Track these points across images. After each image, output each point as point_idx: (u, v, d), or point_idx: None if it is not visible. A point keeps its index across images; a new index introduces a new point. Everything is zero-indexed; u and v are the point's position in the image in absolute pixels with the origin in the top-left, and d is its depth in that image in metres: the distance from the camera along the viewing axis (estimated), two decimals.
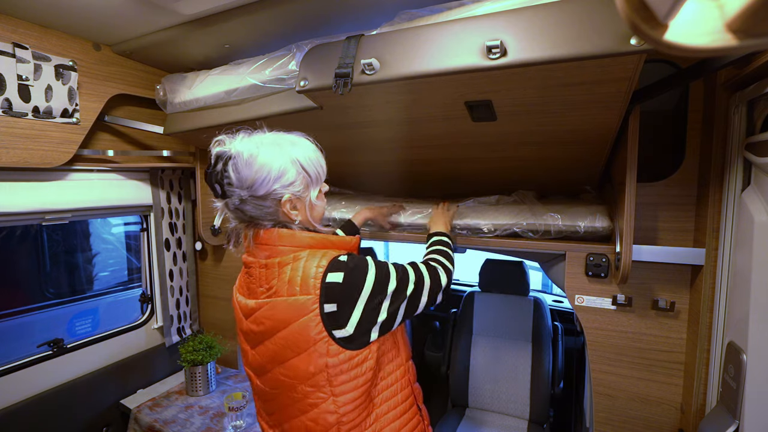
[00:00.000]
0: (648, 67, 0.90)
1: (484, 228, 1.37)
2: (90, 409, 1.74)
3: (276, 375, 0.89)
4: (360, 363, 0.86)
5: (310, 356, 0.83)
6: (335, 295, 0.82)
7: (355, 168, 1.64)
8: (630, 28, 0.31)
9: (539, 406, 1.94)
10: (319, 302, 0.82)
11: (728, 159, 1.03)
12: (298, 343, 0.84)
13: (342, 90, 1.01)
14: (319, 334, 0.82)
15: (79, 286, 2.85)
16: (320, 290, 0.82)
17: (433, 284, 0.97)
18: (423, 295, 0.94)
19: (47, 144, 1.41)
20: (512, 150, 1.25)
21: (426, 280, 0.95)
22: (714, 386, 1.07)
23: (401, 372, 0.98)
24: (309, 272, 0.83)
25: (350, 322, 0.83)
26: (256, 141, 0.88)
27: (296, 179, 0.88)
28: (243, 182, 0.84)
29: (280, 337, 0.86)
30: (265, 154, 0.85)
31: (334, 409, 0.86)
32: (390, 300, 0.87)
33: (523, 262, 2.24)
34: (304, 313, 0.83)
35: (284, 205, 0.87)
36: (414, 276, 0.93)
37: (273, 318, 0.86)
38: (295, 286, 0.84)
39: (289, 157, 0.87)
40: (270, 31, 1.33)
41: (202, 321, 2.22)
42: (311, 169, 0.90)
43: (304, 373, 0.85)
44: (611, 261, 1.21)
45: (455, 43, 0.89)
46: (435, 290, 0.97)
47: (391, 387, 0.94)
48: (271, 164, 0.85)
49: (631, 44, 0.74)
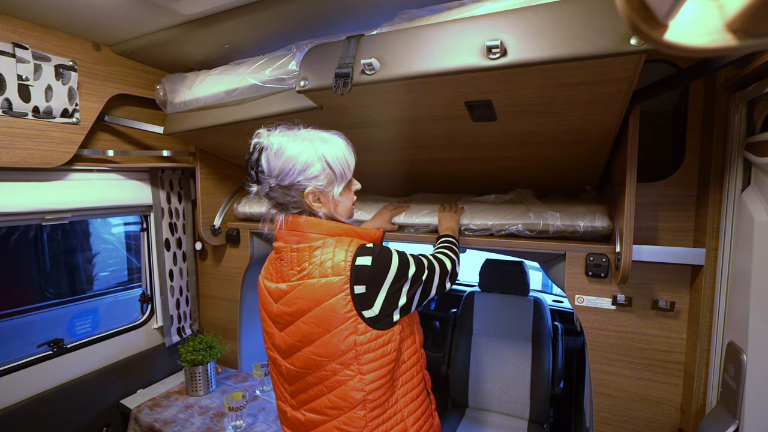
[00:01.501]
0: (648, 67, 0.90)
1: (483, 227, 1.37)
2: (90, 409, 1.74)
3: (306, 354, 0.94)
4: (386, 343, 0.92)
5: (341, 333, 0.89)
6: (364, 277, 0.89)
7: (355, 168, 1.63)
8: (630, 28, 0.31)
9: (539, 406, 1.94)
10: (350, 283, 0.88)
11: (728, 159, 1.03)
12: (330, 321, 0.90)
13: (342, 90, 1.01)
14: (349, 312, 0.88)
15: (79, 286, 2.85)
16: (350, 272, 0.88)
17: (442, 271, 1.04)
18: (434, 279, 1.01)
19: (47, 144, 1.41)
20: (512, 150, 1.25)
21: (436, 267, 1.03)
22: (714, 386, 1.07)
23: (416, 357, 1.04)
24: (340, 255, 0.90)
25: (376, 303, 0.90)
26: (289, 135, 0.94)
27: (320, 174, 0.93)
28: (272, 171, 0.92)
29: (313, 315, 0.91)
30: (294, 147, 0.92)
31: (360, 387, 0.91)
32: (410, 284, 0.94)
33: (523, 262, 2.24)
34: (336, 293, 0.88)
35: (307, 196, 0.93)
36: (427, 263, 1.01)
37: (305, 297, 0.92)
38: (327, 268, 0.90)
39: (315, 153, 0.92)
40: (270, 31, 1.33)
41: (202, 321, 2.22)
42: (336, 167, 0.95)
43: (334, 350, 0.90)
44: (611, 261, 1.21)
45: (455, 43, 0.89)
46: (443, 276, 1.05)
47: (409, 370, 1.00)
48: (298, 157, 0.91)
49: (631, 44, 0.74)
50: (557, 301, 2.61)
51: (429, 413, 1.07)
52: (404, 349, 0.99)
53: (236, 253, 2.00)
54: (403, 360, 0.99)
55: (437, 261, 1.06)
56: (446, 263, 1.09)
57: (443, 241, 1.26)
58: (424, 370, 1.10)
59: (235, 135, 1.50)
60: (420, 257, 1.01)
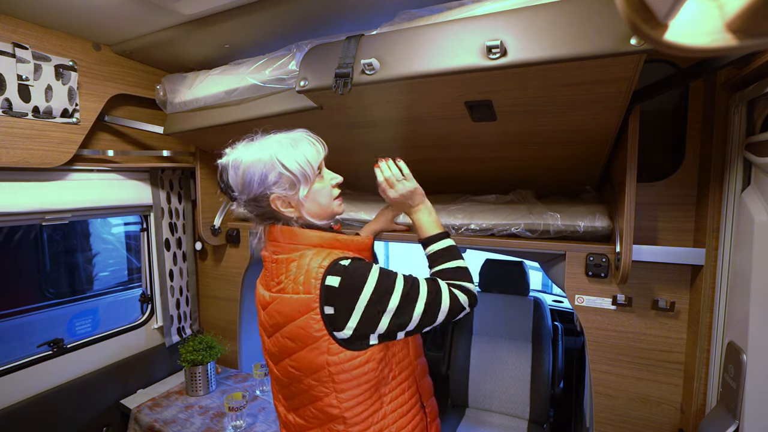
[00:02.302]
0: (648, 67, 0.90)
1: (483, 227, 1.37)
2: (90, 409, 1.74)
3: (286, 366, 0.93)
4: (362, 363, 0.87)
5: (312, 352, 0.86)
6: (333, 298, 0.83)
7: (355, 168, 1.63)
8: (630, 28, 0.31)
9: (539, 406, 1.94)
10: (319, 302, 0.84)
11: (728, 159, 1.03)
12: (302, 338, 0.87)
13: (342, 90, 1.01)
14: (319, 332, 0.85)
15: (79, 286, 2.85)
16: (320, 291, 0.84)
17: (452, 309, 0.90)
18: (436, 316, 0.89)
19: (47, 144, 1.41)
20: (512, 150, 1.25)
21: (444, 302, 0.89)
22: (714, 386, 1.07)
23: (410, 371, 0.99)
24: (311, 272, 0.85)
25: (348, 326, 0.84)
26: (245, 147, 0.92)
27: (279, 179, 0.89)
28: (237, 187, 0.91)
29: (287, 331, 0.89)
30: (248, 158, 0.89)
31: (336, 404, 0.88)
32: (392, 315, 0.85)
33: (523, 262, 2.24)
34: (306, 311, 0.85)
35: (273, 203, 0.90)
36: (426, 295, 0.88)
37: (281, 313, 0.90)
38: (299, 285, 0.86)
39: (270, 159, 0.88)
40: (270, 31, 1.33)
41: (202, 321, 2.22)
42: (294, 167, 0.89)
43: (308, 366, 0.88)
44: (611, 261, 1.21)
45: (455, 43, 0.89)
46: (453, 314, 0.91)
47: (400, 385, 0.96)
48: (254, 168, 0.88)
49: (631, 44, 0.74)
50: (557, 301, 2.61)
51: (422, 427, 1.01)
52: (394, 364, 0.94)
53: (236, 253, 2.00)
54: (393, 376, 0.94)
55: (450, 296, 0.90)
56: (460, 300, 0.91)
57: (444, 253, 1.01)
58: (422, 380, 1.04)
59: (235, 135, 1.50)
60: (418, 285, 0.88)
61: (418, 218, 1.06)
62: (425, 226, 1.05)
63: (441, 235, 1.03)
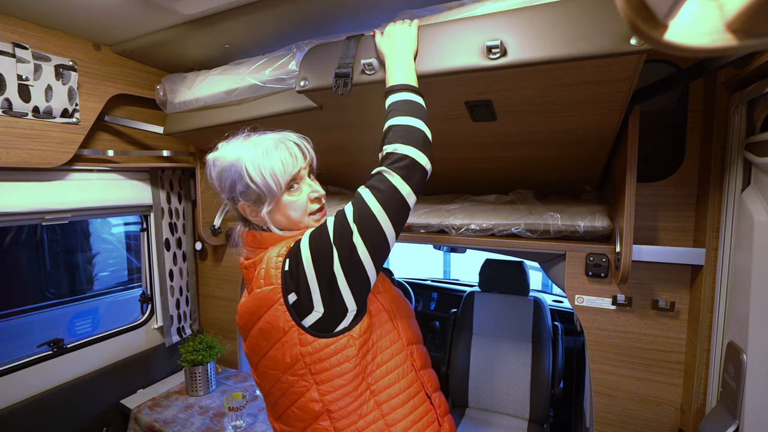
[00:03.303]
0: (648, 67, 0.90)
1: (483, 227, 1.37)
2: (90, 409, 1.74)
3: (262, 368, 0.89)
4: (338, 350, 0.81)
5: (284, 346, 0.82)
6: (291, 282, 0.79)
7: (356, 168, 1.64)
8: (630, 28, 0.31)
9: (539, 406, 1.94)
10: (282, 291, 0.80)
11: (728, 159, 1.03)
12: (271, 334, 0.83)
13: (342, 90, 1.01)
14: (287, 323, 0.81)
15: (79, 286, 2.85)
16: (281, 279, 0.80)
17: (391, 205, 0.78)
18: (382, 225, 0.78)
19: (47, 144, 1.41)
20: (512, 150, 1.25)
21: (373, 206, 0.78)
22: (714, 386, 1.07)
23: (402, 357, 0.92)
24: (271, 263, 0.83)
25: (315, 305, 0.78)
26: (226, 146, 0.90)
27: (246, 190, 0.85)
28: (216, 187, 0.91)
29: (257, 329, 0.86)
30: (222, 162, 0.87)
31: (318, 398, 0.83)
32: (340, 259, 0.77)
33: (523, 262, 2.24)
34: (270, 304, 0.82)
35: (242, 210, 0.89)
36: (352, 213, 0.78)
37: (249, 311, 0.87)
38: (260, 279, 0.84)
39: (239, 167, 0.84)
40: (270, 31, 1.33)
41: (202, 321, 2.22)
42: (260, 181, 0.83)
43: (282, 363, 0.84)
44: (611, 261, 1.21)
45: (455, 43, 0.89)
46: (395, 206, 0.79)
47: (391, 374, 0.89)
48: (225, 173, 0.87)
49: (631, 44, 0.74)
50: (557, 301, 2.61)
51: (432, 419, 0.93)
52: (382, 349, 0.89)
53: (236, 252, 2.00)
54: (380, 363, 0.88)
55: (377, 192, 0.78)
56: (396, 185, 0.78)
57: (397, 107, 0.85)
58: (422, 370, 0.97)
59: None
60: (343, 212, 0.80)
61: (391, 63, 0.91)
62: (394, 73, 0.89)
63: (403, 86, 0.87)
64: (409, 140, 0.82)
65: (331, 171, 1.63)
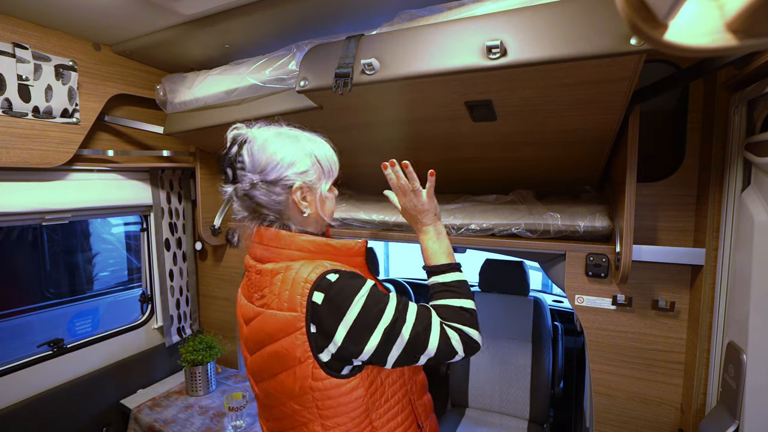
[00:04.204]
0: (648, 67, 0.90)
1: (483, 227, 1.37)
2: (90, 409, 1.74)
3: (268, 387, 0.87)
4: (349, 391, 0.80)
5: (296, 375, 0.80)
6: (317, 316, 0.77)
7: (355, 169, 1.64)
8: (630, 28, 0.31)
9: (539, 406, 1.94)
10: (305, 321, 0.77)
11: (728, 159, 1.03)
12: (285, 360, 0.80)
13: (342, 90, 1.01)
14: (304, 354, 0.78)
15: (79, 286, 2.85)
16: (306, 308, 0.77)
17: (440, 352, 0.80)
18: (417, 357, 0.80)
19: (47, 144, 1.41)
20: (512, 150, 1.25)
21: (431, 342, 0.79)
22: (714, 386, 1.07)
23: (403, 392, 0.92)
24: (297, 288, 0.78)
25: (327, 349, 0.77)
26: (274, 130, 0.90)
27: (309, 169, 0.87)
28: (256, 166, 0.84)
29: (270, 350, 0.83)
30: (280, 140, 0.87)
31: (320, 431, 0.82)
32: (381, 340, 0.77)
33: (523, 262, 2.24)
34: (291, 331, 0.78)
35: (294, 192, 0.85)
36: (411, 331, 0.78)
37: (264, 331, 0.83)
38: (284, 301, 0.80)
39: (304, 148, 0.88)
40: (270, 31, 1.33)
41: (202, 321, 2.22)
42: (325, 163, 0.90)
43: (290, 390, 0.82)
44: (611, 261, 1.21)
45: (455, 43, 0.89)
46: (441, 357, 0.81)
47: (393, 409, 0.89)
48: (286, 151, 0.85)
49: (631, 44, 0.74)
50: (557, 301, 2.61)
51: None
52: (387, 386, 0.88)
53: (236, 253, 2.00)
54: (386, 399, 0.87)
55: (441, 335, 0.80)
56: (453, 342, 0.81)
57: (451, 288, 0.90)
58: (419, 400, 0.96)
59: None
60: (402, 316, 0.79)
61: (425, 241, 0.97)
62: (432, 252, 0.96)
63: (449, 266, 0.93)
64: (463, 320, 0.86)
65: None
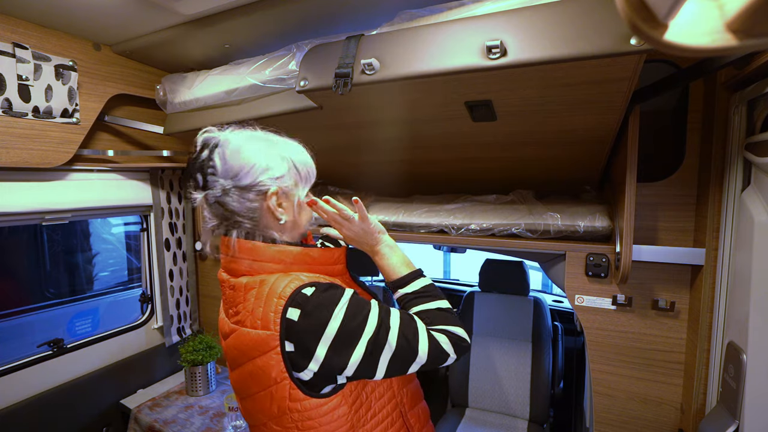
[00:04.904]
0: (648, 67, 0.90)
1: (484, 227, 1.37)
2: (90, 409, 1.74)
3: (247, 406, 0.83)
4: (331, 410, 0.76)
5: (272, 396, 0.76)
6: (292, 334, 0.73)
7: (355, 168, 1.64)
8: (630, 28, 0.31)
9: (539, 406, 1.94)
10: (279, 339, 0.73)
11: (728, 159, 1.03)
12: (261, 380, 0.76)
13: (342, 90, 1.01)
14: (280, 374, 0.74)
15: (79, 286, 2.85)
16: (280, 326, 0.73)
17: (431, 357, 0.77)
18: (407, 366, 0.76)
19: (47, 144, 1.41)
20: (512, 150, 1.25)
21: (420, 349, 0.76)
22: (714, 386, 1.07)
23: (392, 405, 0.88)
24: (270, 304, 0.74)
25: (308, 368, 0.73)
26: (247, 133, 0.84)
27: (286, 174, 0.82)
28: (228, 171, 0.78)
29: (246, 369, 0.79)
30: (256, 144, 0.82)
31: None
32: (366, 349, 0.73)
33: (523, 262, 2.23)
34: (266, 350, 0.74)
35: (269, 198, 0.79)
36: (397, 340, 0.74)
37: (238, 349, 0.79)
38: (257, 319, 0.75)
39: (280, 152, 0.82)
40: (270, 31, 1.33)
41: (202, 321, 2.22)
42: (302, 168, 0.85)
43: (269, 411, 0.78)
44: (611, 261, 1.21)
45: (455, 43, 0.89)
46: (433, 362, 0.78)
47: (381, 424, 0.85)
48: (261, 154, 0.80)
49: (631, 44, 0.74)
50: (557, 301, 2.61)
51: None
52: (373, 400, 0.84)
53: None
54: (373, 414, 0.83)
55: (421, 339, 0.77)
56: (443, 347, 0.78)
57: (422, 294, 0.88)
58: (411, 410, 0.91)
59: None
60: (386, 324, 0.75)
61: (378, 261, 0.92)
62: (389, 268, 0.90)
63: (411, 275, 0.89)
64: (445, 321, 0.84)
65: (331, 171, 1.64)
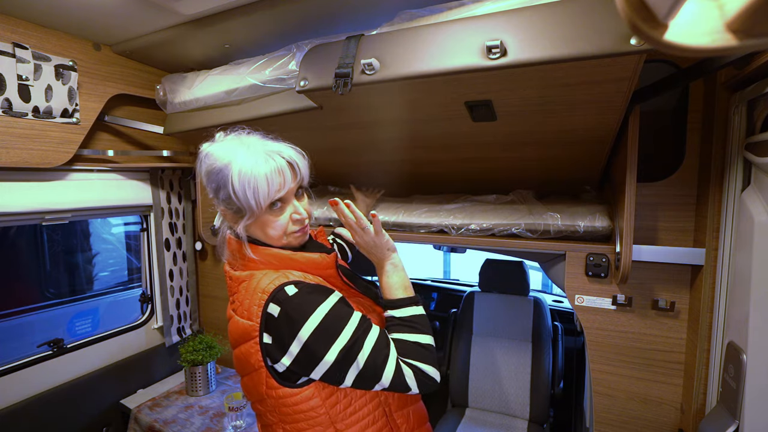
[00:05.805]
0: (648, 67, 0.90)
1: (483, 227, 1.37)
2: (90, 409, 1.74)
3: (244, 383, 0.90)
4: (304, 400, 0.81)
5: (254, 380, 0.83)
6: (271, 328, 0.78)
7: (355, 168, 1.64)
8: (630, 28, 0.31)
9: (539, 406, 1.94)
10: (259, 331, 0.79)
11: (728, 159, 1.03)
12: (245, 366, 0.84)
13: (342, 90, 1.01)
14: (258, 362, 0.80)
15: (79, 286, 2.85)
16: (261, 318, 0.78)
17: (393, 385, 0.79)
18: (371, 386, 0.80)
19: (47, 144, 1.41)
20: (512, 150, 1.25)
21: (385, 374, 0.78)
22: (714, 386, 1.07)
23: (375, 404, 0.88)
24: (254, 298, 0.80)
25: (282, 361, 0.78)
26: (220, 143, 0.84)
27: (227, 198, 0.81)
28: (203, 181, 0.86)
29: (239, 352, 0.85)
30: (212, 161, 0.81)
31: None
32: (336, 358, 0.76)
33: (523, 262, 2.23)
34: (248, 339, 0.81)
35: (223, 214, 0.86)
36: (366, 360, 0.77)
37: (232, 335, 0.86)
38: (245, 309, 0.81)
39: (226, 175, 0.79)
40: (270, 31, 1.33)
41: (202, 321, 2.22)
42: (242, 197, 0.78)
43: (255, 392, 0.85)
44: (611, 261, 1.21)
45: (455, 43, 0.89)
46: (394, 389, 0.80)
47: (362, 421, 0.86)
48: (213, 175, 0.82)
49: (631, 44, 0.74)
50: (557, 301, 2.61)
51: None
52: (354, 398, 0.85)
53: None
54: (353, 410, 0.85)
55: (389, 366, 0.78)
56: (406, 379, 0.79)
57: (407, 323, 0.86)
58: (399, 411, 0.91)
59: None
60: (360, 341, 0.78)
61: (381, 276, 0.93)
62: (387, 286, 0.92)
63: (405, 300, 0.89)
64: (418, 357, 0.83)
65: (331, 171, 1.64)
